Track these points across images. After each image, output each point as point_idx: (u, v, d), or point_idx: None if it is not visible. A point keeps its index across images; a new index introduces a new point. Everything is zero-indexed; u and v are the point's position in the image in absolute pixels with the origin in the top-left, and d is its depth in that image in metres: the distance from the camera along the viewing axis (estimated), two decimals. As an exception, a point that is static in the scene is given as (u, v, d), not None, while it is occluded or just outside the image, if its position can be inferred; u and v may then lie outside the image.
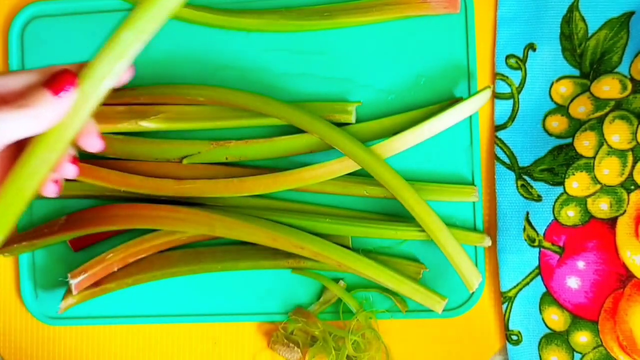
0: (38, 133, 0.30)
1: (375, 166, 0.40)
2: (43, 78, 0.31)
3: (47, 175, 0.31)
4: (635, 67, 0.41)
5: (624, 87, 0.41)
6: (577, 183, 0.42)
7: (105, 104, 0.45)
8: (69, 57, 0.47)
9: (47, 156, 0.31)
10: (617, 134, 0.41)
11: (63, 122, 0.31)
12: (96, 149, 0.34)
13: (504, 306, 0.43)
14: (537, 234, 0.42)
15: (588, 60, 0.42)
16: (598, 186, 0.41)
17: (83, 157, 0.46)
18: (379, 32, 0.44)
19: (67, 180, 0.44)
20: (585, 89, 0.42)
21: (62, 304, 0.45)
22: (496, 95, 0.44)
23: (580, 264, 0.42)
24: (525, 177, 0.43)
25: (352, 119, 0.43)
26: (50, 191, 0.33)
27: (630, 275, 0.41)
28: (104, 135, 0.44)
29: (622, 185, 0.41)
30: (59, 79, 0.30)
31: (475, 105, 0.41)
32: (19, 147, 0.31)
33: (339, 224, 0.43)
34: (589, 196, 0.42)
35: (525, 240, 0.43)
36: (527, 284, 0.43)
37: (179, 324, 0.47)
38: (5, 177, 0.31)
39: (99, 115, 0.44)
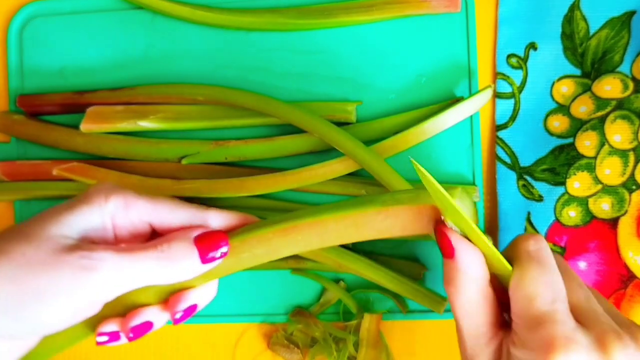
0: (164, 284, 0.27)
1: (376, 166, 0.40)
2: (199, 225, 0.28)
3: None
4: (636, 67, 0.41)
5: (626, 87, 0.41)
6: (578, 183, 0.41)
7: (101, 103, 0.45)
8: (68, 57, 0.47)
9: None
10: (619, 133, 0.41)
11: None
12: (174, 318, 0.29)
13: (505, 307, 0.43)
14: (539, 234, 0.42)
15: (589, 59, 0.42)
16: (599, 186, 0.41)
17: (82, 157, 0.46)
18: (379, 31, 0.44)
19: (64, 179, 0.44)
20: (587, 89, 0.42)
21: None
22: (497, 95, 0.43)
23: (582, 265, 0.42)
24: (527, 177, 0.43)
25: (353, 118, 0.43)
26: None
27: (631, 276, 0.41)
28: (105, 136, 0.45)
29: (623, 185, 0.41)
30: (212, 244, 0.27)
31: (476, 104, 0.41)
32: None
33: (339, 224, 0.43)
34: (590, 196, 0.41)
35: (527, 240, 0.42)
36: (529, 284, 0.43)
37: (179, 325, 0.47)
38: None
39: (98, 115, 0.44)
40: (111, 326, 0.28)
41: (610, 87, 0.42)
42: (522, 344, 0.25)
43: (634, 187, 0.41)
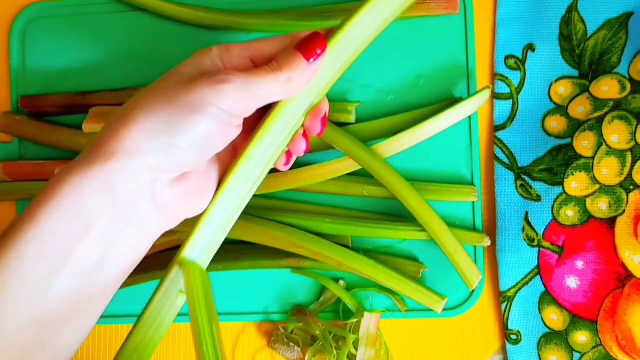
0: (287, 98, 0.31)
1: (376, 166, 0.40)
2: (292, 43, 0.31)
3: (284, 146, 0.33)
4: (634, 68, 0.41)
5: (623, 88, 0.41)
6: (576, 183, 0.42)
7: (103, 103, 0.45)
8: (70, 58, 0.47)
9: (286, 127, 0.32)
10: (616, 134, 0.41)
11: (306, 90, 0.31)
12: (316, 132, 0.33)
13: (503, 306, 0.43)
14: (537, 233, 0.42)
15: (587, 60, 0.42)
16: (597, 186, 0.41)
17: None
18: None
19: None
20: (584, 90, 0.42)
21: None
22: (495, 96, 0.44)
23: (580, 264, 0.42)
24: (525, 177, 0.43)
25: (352, 118, 0.43)
26: (282, 164, 0.34)
27: (629, 275, 0.41)
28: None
29: (621, 185, 0.41)
30: (311, 43, 0.31)
31: (475, 105, 0.41)
32: (255, 117, 0.32)
33: (339, 224, 0.43)
34: (588, 196, 0.42)
35: (525, 240, 0.43)
36: (527, 283, 0.43)
37: (179, 323, 0.47)
38: (243, 144, 0.32)
39: (100, 116, 0.44)
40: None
41: (607, 88, 0.42)
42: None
43: (631, 187, 0.41)
